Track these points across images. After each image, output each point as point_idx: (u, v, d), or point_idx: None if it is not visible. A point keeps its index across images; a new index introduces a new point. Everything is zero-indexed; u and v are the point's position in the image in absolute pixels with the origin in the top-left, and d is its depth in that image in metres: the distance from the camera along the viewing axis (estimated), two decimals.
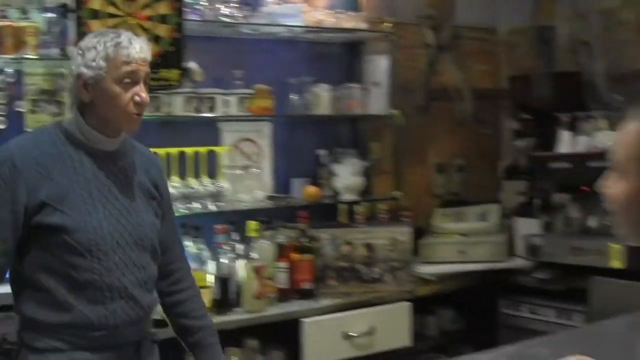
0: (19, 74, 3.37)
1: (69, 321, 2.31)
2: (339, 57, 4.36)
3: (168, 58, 3.35)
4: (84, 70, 2.33)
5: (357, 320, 3.70)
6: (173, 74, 3.37)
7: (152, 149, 3.45)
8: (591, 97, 4.24)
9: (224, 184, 3.72)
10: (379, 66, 4.19)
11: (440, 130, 4.69)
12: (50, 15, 3.35)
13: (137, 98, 2.35)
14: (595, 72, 4.25)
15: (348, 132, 4.40)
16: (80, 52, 2.35)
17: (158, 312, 2.69)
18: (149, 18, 3.32)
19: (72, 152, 2.37)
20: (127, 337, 2.42)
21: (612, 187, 1.58)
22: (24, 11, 3.34)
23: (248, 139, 3.99)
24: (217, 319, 3.40)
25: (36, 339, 2.33)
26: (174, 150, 3.61)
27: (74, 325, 2.32)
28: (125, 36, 2.37)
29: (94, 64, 2.32)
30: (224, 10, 3.68)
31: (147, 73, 2.40)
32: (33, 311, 2.34)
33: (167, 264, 2.64)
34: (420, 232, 4.35)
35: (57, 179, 2.32)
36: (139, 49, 2.36)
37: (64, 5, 3.31)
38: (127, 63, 2.33)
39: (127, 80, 2.33)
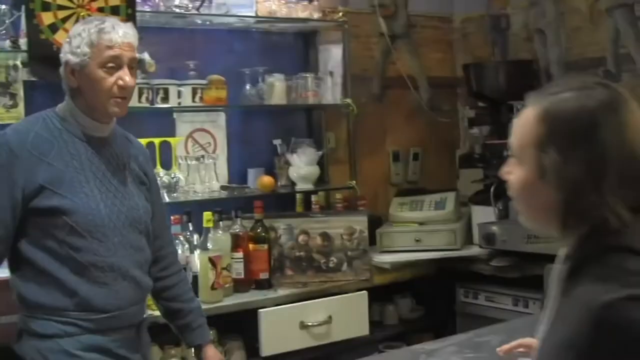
0: None
1: (75, 304, 2.36)
2: (293, 47, 4.35)
3: None
4: (70, 57, 2.41)
5: (315, 310, 3.69)
6: None
7: None
8: (546, 84, 4.26)
9: (179, 175, 3.70)
10: (333, 56, 4.18)
11: (396, 119, 4.71)
12: (2, 6, 3.32)
13: (120, 82, 2.40)
14: (549, 59, 4.27)
15: (303, 122, 4.40)
16: (68, 39, 2.43)
17: None
18: (100, 10, 3.27)
19: (66, 136, 2.42)
20: (130, 318, 2.50)
21: (511, 173, 1.57)
22: None
23: (203, 129, 3.97)
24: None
25: (42, 325, 2.36)
26: None
27: (80, 308, 2.36)
28: (109, 22, 2.43)
29: (78, 50, 2.40)
30: (176, 1, 3.64)
31: (132, 58, 2.45)
32: (37, 296, 2.37)
33: (158, 249, 2.71)
34: (377, 221, 4.37)
35: (54, 162, 2.37)
36: (122, 34, 2.41)
37: None
38: (110, 47, 2.38)
39: (110, 64, 2.39)
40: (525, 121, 1.52)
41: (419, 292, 4.43)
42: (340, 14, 4.12)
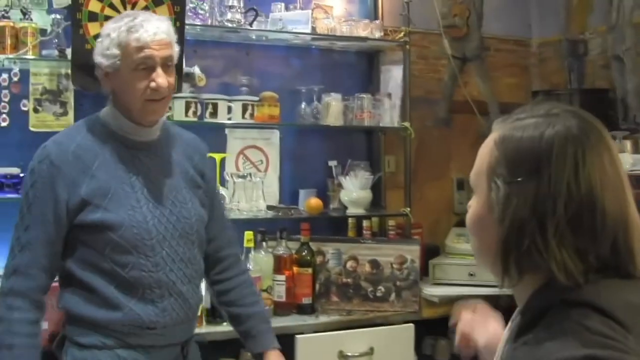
0: (24, 73, 3.36)
1: (120, 319, 2.27)
2: (354, 66, 4.23)
3: None
4: (101, 59, 2.30)
5: (356, 340, 3.53)
6: None
7: None
8: (621, 115, 4.02)
9: (224, 192, 3.62)
10: (394, 76, 4.04)
11: (463, 145, 4.50)
12: (55, 16, 3.38)
13: (152, 84, 2.26)
14: (626, 89, 4.01)
15: (363, 144, 4.26)
16: (100, 39, 2.32)
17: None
18: None
19: (110, 144, 2.34)
20: (176, 336, 2.40)
21: (470, 206, 1.41)
22: (24, 12, 3.36)
23: (255, 147, 3.89)
24: (208, 329, 3.36)
25: (83, 335, 2.30)
26: None
27: (125, 323, 2.28)
28: (140, 18, 2.28)
29: (108, 52, 2.28)
30: (229, 15, 3.57)
31: (166, 57, 2.29)
32: (81, 309, 2.29)
33: (217, 251, 2.61)
34: (435, 251, 4.20)
35: (97, 173, 2.27)
36: (153, 31, 2.26)
37: (68, 7, 3.28)
38: (140, 48, 2.24)
39: (142, 66, 2.26)
40: (483, 148, 1.38)
41: None
42: (402, 34, 3.96)
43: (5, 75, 3.32)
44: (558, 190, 1.26)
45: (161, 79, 2.26)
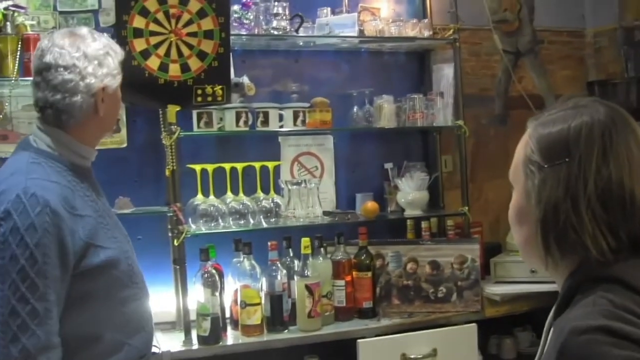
0: None
1: (122, 359, 2.19)
2: (404, 67, 4.19)
3: (213, 73, 3.29)
4: (109, 81, 2.21)
5: (419, 342, 3.50)
6: (218, 89, 3.30)
7: (206, 165, 3.47)
8: None
9: (279, 200, 3.63)
10: (446, 75, 3.99)
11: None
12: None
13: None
14: None
15: (418, 145, 4.23)
16: (95, 63, 2.17)
17: None
18: (193, 34, 3.26)
19: (69, 177, 2.16)
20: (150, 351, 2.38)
21: (511, 203, 1.51)
22: None
23: (309, 153, 3.89)
24: (268, 337, 3.37)
25: None
26: (226, 166, 3.56)
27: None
28: (92, 32, 2.27)
29: (115, 71, 2.24)
30: (274, 23, 3.58)
31: None
32: None
33: None
34: (497, 249, 4.14)
35: (82, 212, 2.11)
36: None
37: (114, 26, 3.32)
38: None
39: None
40: (520, 143, 1.49)
41: (541, 324, 4.12)
42: (451, 31, 3.92)
43: None
44: (588, 170, 1.35)
45: None
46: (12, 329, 1.91)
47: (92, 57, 2.17)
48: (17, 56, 3.15)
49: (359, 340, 3.42)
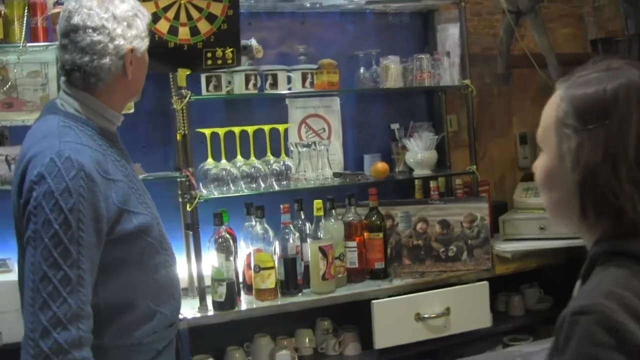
0: None
1: (153, 327, 2.14)
2: (409, 28, 4.17)
3: (222, 36, 3.25)
4: (137, 43, 2.14)
5: (432, 301, 3.53)
6: (228, 52, 3.27)
7: (216, 129, 3.43)
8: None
9: (289, 162, 3.61)
10: (451, 35, 3.97)
11: (523, 100, 4.45)
12: None
13: None
14: None
15: (423, 105, 4.22)
16: (124, 24, 2.10)
17: None
18: None
19: (100, 141, 2.10)
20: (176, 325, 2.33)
21: (538, 164, 1.49)
22: None
23: (316, 115, 3.88)
24: (283, 300, 3.37)
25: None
26: (236, 129, 3.54)
27: (156, 330, 2.15)
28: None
29: (144, 33, 2.18)
30: None
31: None
32: (114, 338, 2.07)
33: None
34: (503, 207, 4.16)
35: (114, 176, 2.05)
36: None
37: None
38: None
39: None
40: (549, 105, 1.46)
41: (548, 281, 4.17)
42: None
43: None
44: (627, 135, 1.34)
45: None
46: (43, 296, 1.84)
47: (121, 18, 2.10)
48: (24, 22, 3.10)
49: (373, 301, 3.44)
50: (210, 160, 3.48)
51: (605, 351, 1.21)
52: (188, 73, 3.24)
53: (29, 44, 3.09)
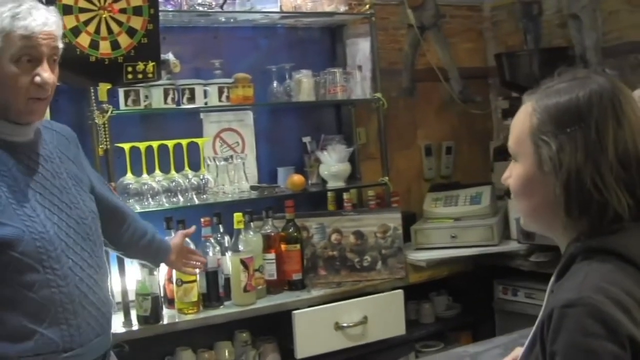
0: None
1: (32, 349, 2.04)
2: (319, 42, 4.25)
3: (143, 50, 3.24)
4: None
5: (350, 310, 3.60)
6: (149, 66, 3.26)
7: (136, 143, 3.41)
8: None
9: (208, 176, 3.62)
10: (361, 49, 4.07)
11: (428, 112, 4.60)
12: None
13: (37, 79, 2.05)
14: (585, 45, 4.11)
15: (333, 118, 4.30)
16: None
17: None
18: (122, 11, 3.20)
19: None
20: (94, 352, 2.22)
21: (511, 175, 1.56)
22: None
23: (230, 129, 3.90)
24: (206, 314, 3.37)
25: None
26: (154, 144, 3.52)
27: (39, 352, 2.05)
28: (26, 5, 2.04)
29: None
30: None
31: (54, 48, 2.10)
32: None
33: (122, 222, 2.59)
34: (411, 218, 4.28)
35: None
36: (42, 20, 2.05)
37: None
38: (25, 37, 2.02)
39: (26, 58, 2.04)
40: (520, 116, 1.52)
41: (456, 289, 4.32)
42: (367, 6, 4.00)
43: None
44: (606, 135, 1.42)
45: (47, 73, 2.07)
46: None
47: None
48: None
49: (294, 312, 3.49)
50: (129, 174, 3.45)
51: (597, 340, 1.27)
52: (109, 87, 3.21)
53: None
